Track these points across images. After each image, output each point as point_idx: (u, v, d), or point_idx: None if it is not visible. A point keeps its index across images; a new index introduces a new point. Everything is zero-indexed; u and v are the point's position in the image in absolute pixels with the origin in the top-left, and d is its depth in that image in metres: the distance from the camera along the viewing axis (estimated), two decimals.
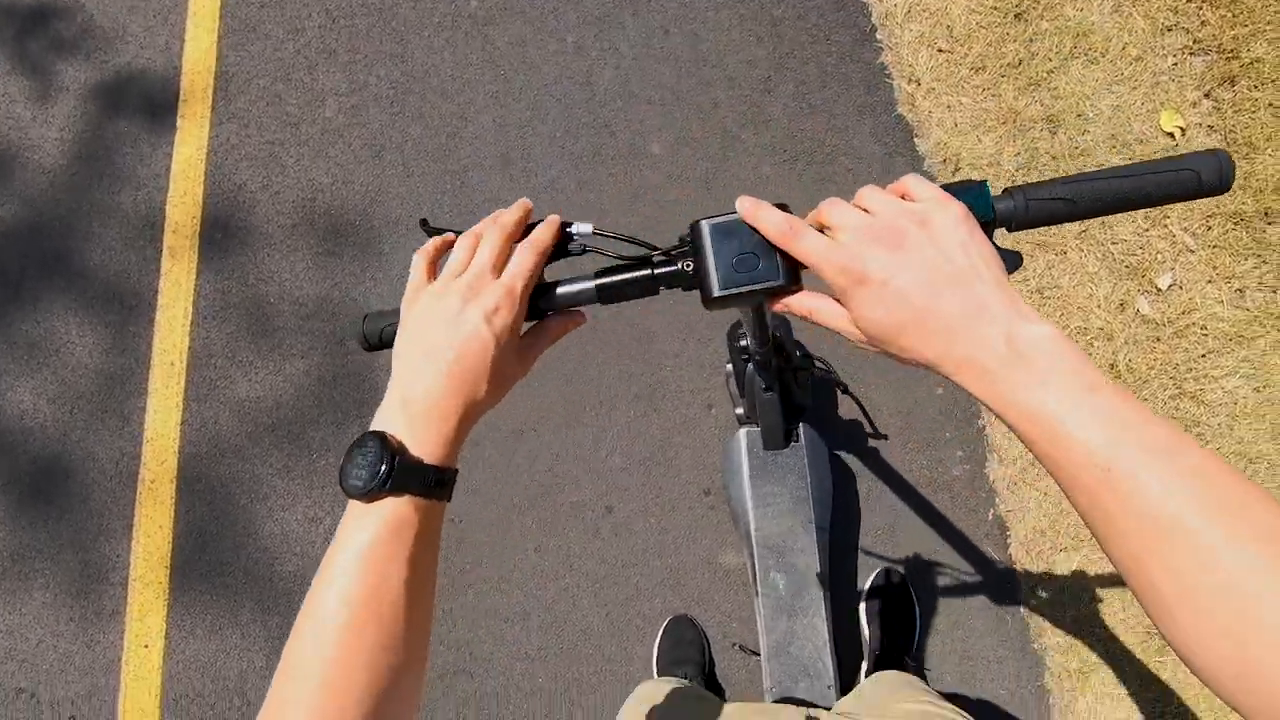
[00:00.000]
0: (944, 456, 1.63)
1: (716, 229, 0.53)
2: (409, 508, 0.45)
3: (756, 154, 1.85)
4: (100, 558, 1.74)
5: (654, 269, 0.57)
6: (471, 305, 0.49)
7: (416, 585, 0.45)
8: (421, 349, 0.49)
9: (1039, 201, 0.51)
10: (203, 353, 1.86)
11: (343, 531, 0.45)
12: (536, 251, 0.54)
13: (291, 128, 2.01)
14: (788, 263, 0.52)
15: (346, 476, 0.44)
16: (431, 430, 0.47)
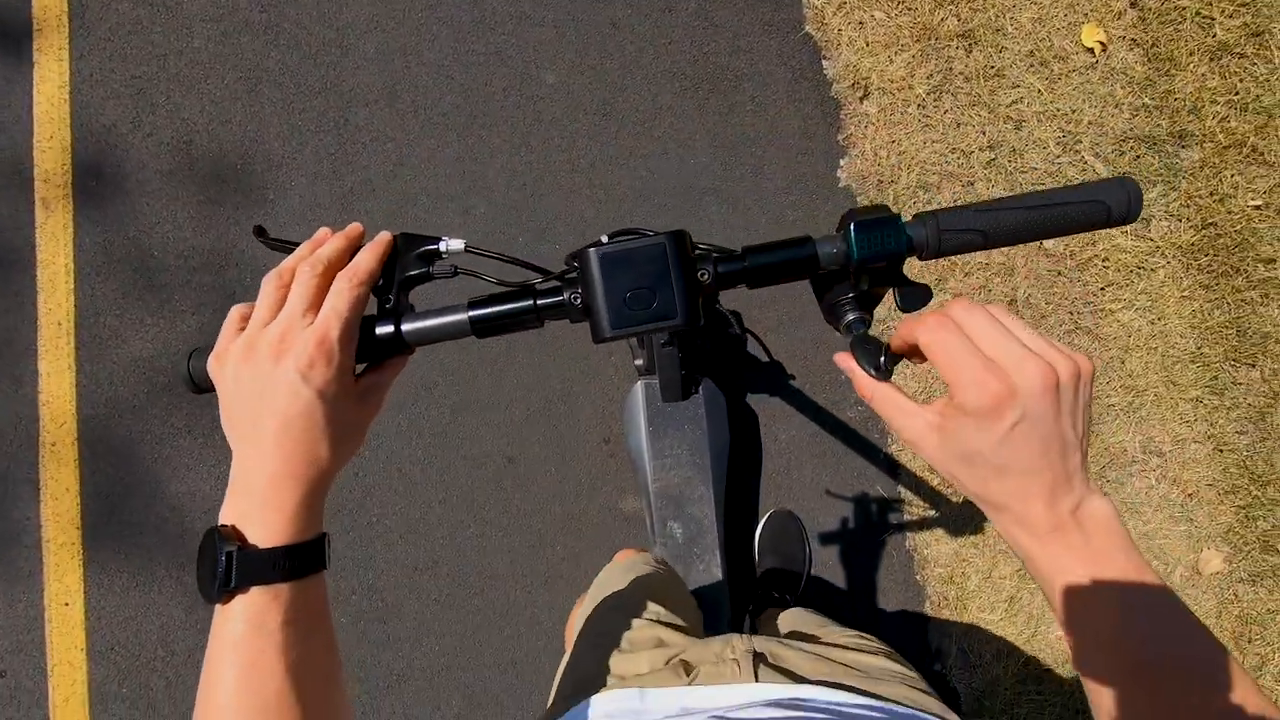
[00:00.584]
0: (840, 398, 1.64)
1: (607, 259, 0.48)
2: (265, 598, 0.42)
3: (657, 80, 1.73)
4: (9, 522, 1.74)
5: (537, 299, 0.51)
6: (283, 364, 0.44)
7: (302, 668, 0.43)
8: (243, 425, 0.45)
9: (952, 233, 0.49)
10: (90, 311, 1.79)
11: (213, 632, 0.43)
12: (355, 286, 0.47)
13: (159, 60, 1.84)
14: (687, 297, 0.49)
15: (199, 582, 0.43)
16: (275, 511, 0.43)
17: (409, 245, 0.52)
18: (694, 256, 0.50)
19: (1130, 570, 0.39)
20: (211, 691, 0.43)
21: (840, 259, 0.51)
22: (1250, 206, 1.60)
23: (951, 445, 0.42)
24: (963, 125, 1.66)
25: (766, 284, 0.53)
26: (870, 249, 0.49)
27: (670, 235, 0.49)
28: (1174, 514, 1.55)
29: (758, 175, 1.69)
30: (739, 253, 0.52)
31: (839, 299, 0.54)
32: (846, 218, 0.50)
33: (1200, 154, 1.62)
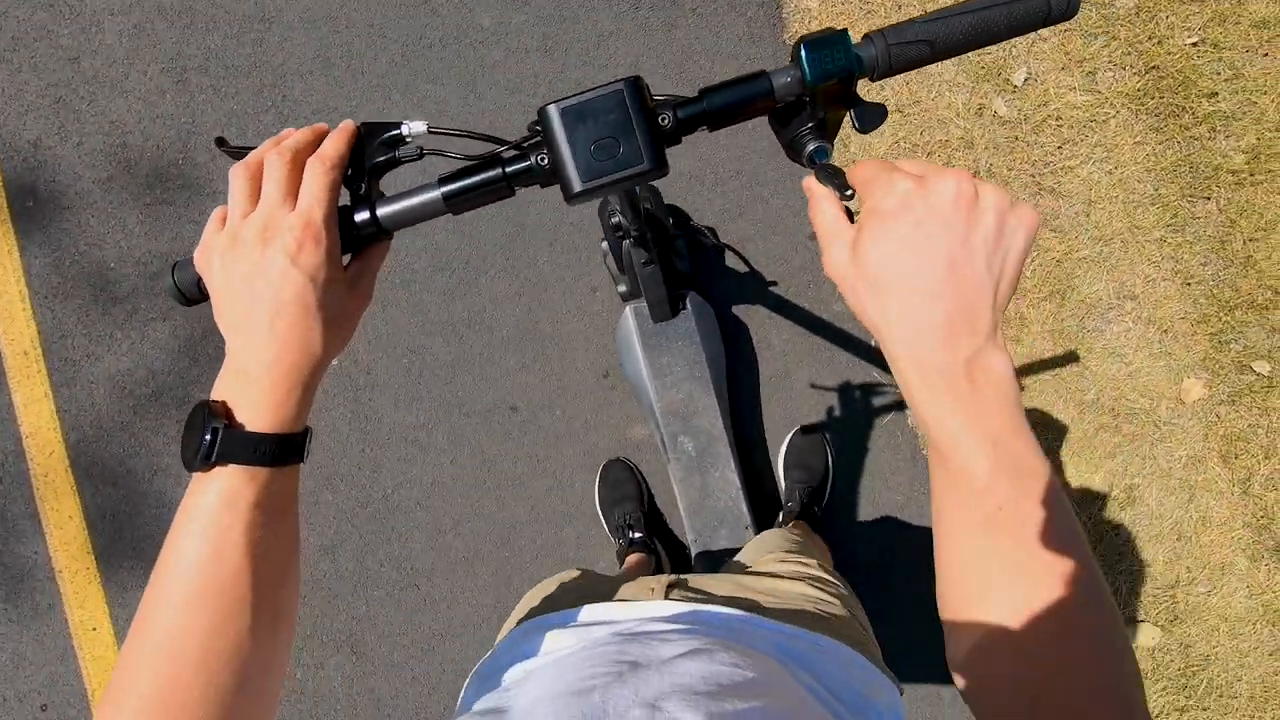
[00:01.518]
0: (825, 294, 1.66)
1: (567, 114, 0.48)
2: (242, 478, 0.43)
3: (594, 6, 1.70)
4: (18, 559, 1.71)
5: (505, 167, 0.51)
6: (271, 249, 0.44)
7: (263, 554, 0.44)
8: (235, 313, 0.45)
9: (900, 46, 0.49)
10: (55, 334, 1.73)
11: (184, 500, 0.44)
12: (329, 169, 0.47)
13: (72, 64, 1.75)
14: (652, 142, 0.48)
15: (183, 450, 0.44)
16: (266, 396, 0.44)
17: (373, 133, 0.52)
18: (652, 103, 0.51)
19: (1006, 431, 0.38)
20: (172, 558, 0.43)
21: (795, 86, 0.51)
22: (1188, 44, 1.64)
23: (860, 263, 0.40)
24: (904, 7, 1.66)
25: (727, 123, 0.53)
26: (822, 67, 0.50)
27: (628, 81, 0.49)
28: (1153, 351, 1.62)
29: None
30: (696, 95, 0.52)
31: (798, 131, 0.55)
32: (798, 44, 0.50)
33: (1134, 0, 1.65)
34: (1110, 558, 1.60)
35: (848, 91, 0.52)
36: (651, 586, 0.69)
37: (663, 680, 0.46)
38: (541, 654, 0.59)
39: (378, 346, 1.69)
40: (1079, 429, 1.61)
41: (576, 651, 0.54)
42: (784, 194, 1.66)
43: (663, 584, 0.69)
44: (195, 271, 0.50)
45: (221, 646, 0.43)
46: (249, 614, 0.44)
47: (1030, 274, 1.64)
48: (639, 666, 0.48)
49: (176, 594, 0.43)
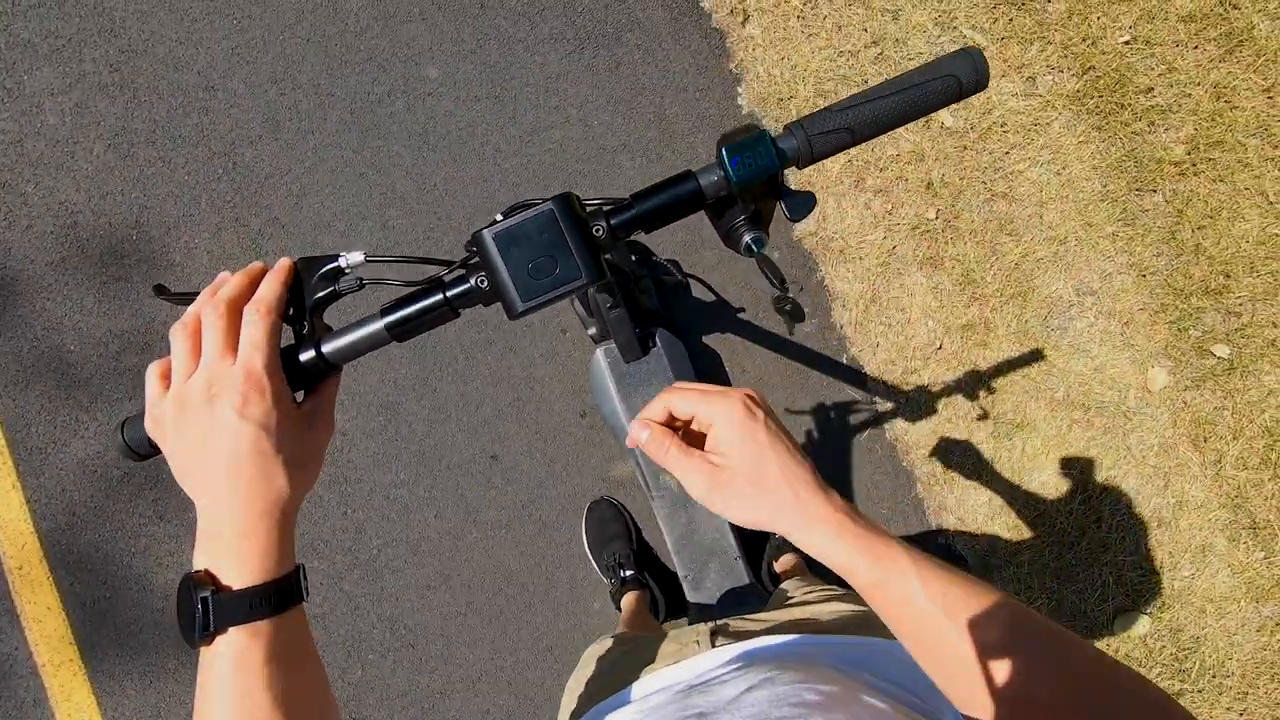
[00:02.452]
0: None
1: (500, 238, 0.49)
2: (245, 638, 0.43)
3: (539, 50, 1.71)
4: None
5: (446, 291, 0.51)
6: (218, 408, 0.45)
7: (289, 702, 0.44)
8: (196, 475, 0.45)
9: (821, 135, 0.51)
10: (18, 425, 1.69)
11: (199, 678, 0.44)
12: (265, 315, 0.47)
13: (15, 147, 1.73)
14: (588, 255, 0.49)
15: (180, 629, 0.44)
16: (243, 551, 0.44)
17: (311, 267, 0.52)
18: (585, 215, 0.51)
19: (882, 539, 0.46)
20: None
21: (722, 186, 0.52)
22: (1120, 43, 1.68)
23: (736, 470, 0.47)
24: (844, 27, 1.69)
25: (660, 225, 0.54)
26: (745, 170, 0.51)
27: (556, 199, 0.49)
28: (1116, 344, 1.65)
29: (662, 121, 1.69)
30: (628, 201, 0.53)
31: (733, 223, 0.56)
32: (719, 144, 0.51)
33: (1066, 3, 1.69)
34: (1094, 550, 1.62)
35: (774, 185, 0.54)
36: (696, 639, 0.69)
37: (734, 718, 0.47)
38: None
39: (351, 407, 1.68)
40: (1052, 427, 1.64)
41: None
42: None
43: (706, 633, 0.70)
44: (144, 430, 0.50)
45: None
46: None
47: (990, 279, 1.66)
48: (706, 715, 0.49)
49: None
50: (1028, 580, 1.62)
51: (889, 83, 0.52)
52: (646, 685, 0.65)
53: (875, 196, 1.67)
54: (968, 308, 1.66)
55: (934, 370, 1.65)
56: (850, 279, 1.67)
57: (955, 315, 1.65)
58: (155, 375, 0.48)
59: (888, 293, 1.67)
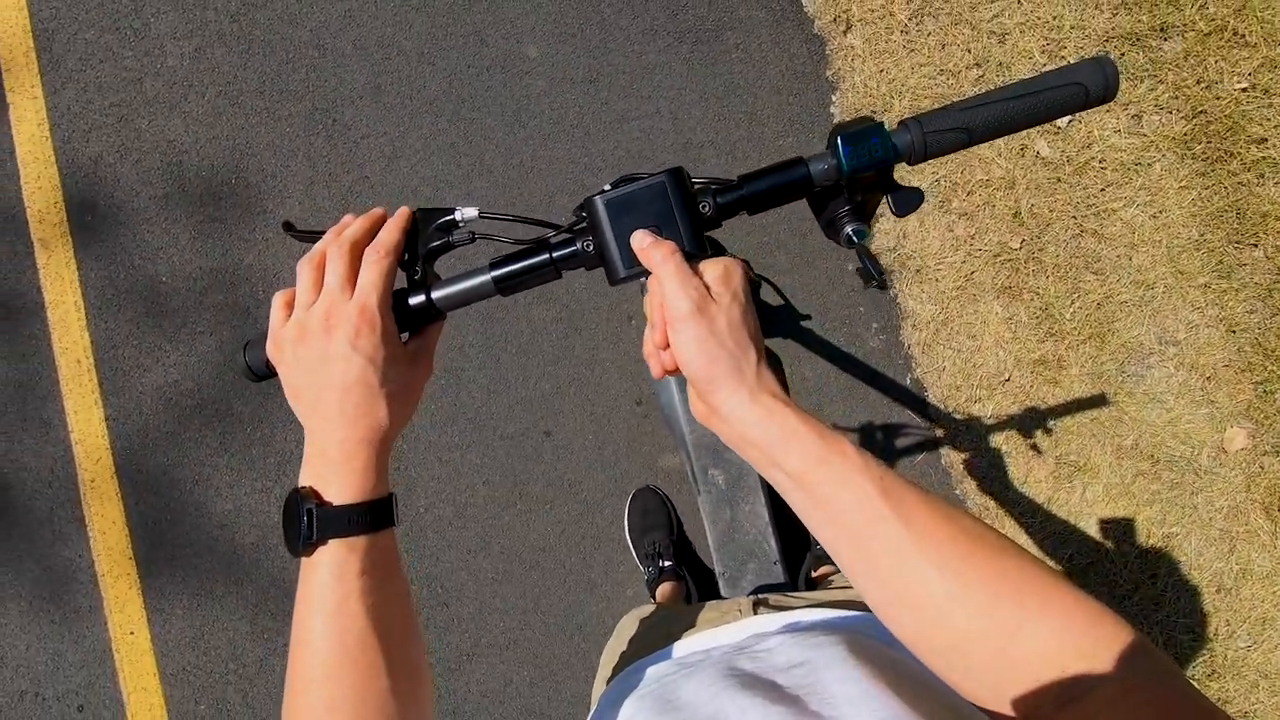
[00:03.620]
0: (861, 330, 1.67)
1: (612, 205, 0.51)
2: (345, 550, 0.46)
3: (638, 40, 1.73)
4: (63, 561, 1.76)
5: (552, 252, 0.53)
6: (334, 339, 0.48)
7: (383, 615, 0.47)
8: (308, 398, 0.49)
9: (936, 134, 0.51)
10: (106, 345, 1.79)
11: (301, 585, 0.47)
12: (383, 258, 0.51)
13: (135, 85, 1.82)
14: (693, 230, 0.51)
15: (286, 539, 0.47)
16: (346, 471, 0.48)
17: (427, 219, 0.55)
18: (693, 191, 0.53)
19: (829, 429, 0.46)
20: (303, 639, 0.47)
21: (832, 174, 0.53)
22: (1237, 90, 1.62)
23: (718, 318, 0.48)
24: (948, 46, 1.67)
25: (765, 208, 0.55)
26: (859, 159, 0.51)
27: (669, 173, 0.51)
28: (1195, 398, 1.60)
29: (752, 121, 1.70)
30: (736, 181, 0.54)
31: (836, 213, 0.56)
32: (834, 132, 0.52)
33: (1183, 44, 1.64)
34: (1145, 607, 1.57)
35: (884, 178, 0.54)
36: (738, 609, 0.70)
37: (793, 682, 0.48)
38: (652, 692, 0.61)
39: None
40: (1116, 475, 1.59)
41: (689, 677, 0.55)
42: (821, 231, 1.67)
43: (748, 604, 0.70)
44: (264, 354, 0.53)
45: (369, 711, 0.45)
46: (385, 675, 0.46)
47: (1069, 316, 1.62)
48: (757, 677, 0.50)
49: (316, 671, 0.46)
50: None
51: (1012, 86, 0.51)
52: (686, 646, 0.64)
53: (960, 219, 1.64)
54: (1042, 343, 1.62)
55: (999, 402, 1.62)
56: (924, 299, 1.65)
57: (1028, 349, 1.62)
58: (280, 303, 0.51)
59: (960, 318, 1.64)
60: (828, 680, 0.47)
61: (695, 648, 0.64)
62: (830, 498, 0.44)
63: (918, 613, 0.43)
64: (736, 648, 0.59)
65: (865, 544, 0.44)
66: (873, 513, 0.43)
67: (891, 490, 0.43)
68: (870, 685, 0.46)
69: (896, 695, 0.45)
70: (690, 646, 0.64)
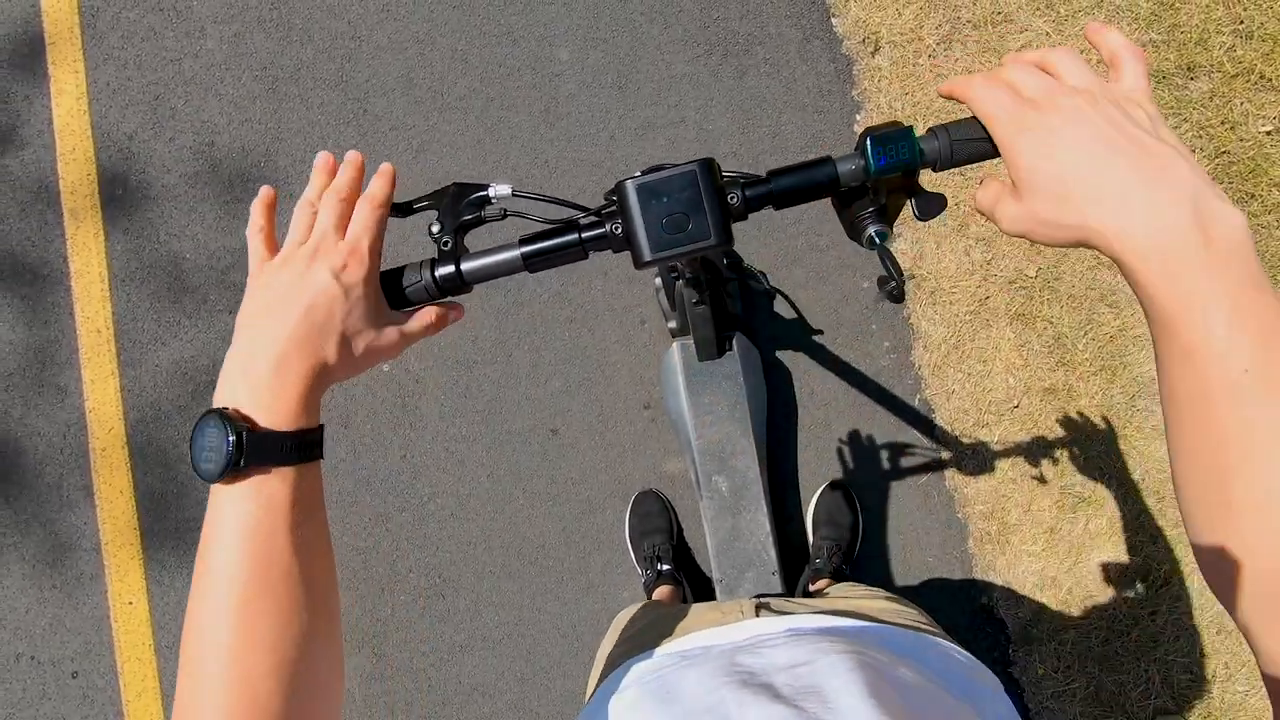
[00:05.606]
0: (872, 348, 1.67)
1: (642, 189, 0.52)
2: (276, 479, 0.43)
3: (668, 49, 1.75)
4: (68, 527, 1.79)
5: (581, 233, 0.55)
6: (316, 265, 0.48)
7: (305, 551, 0.45)
8: (264, 310, 0.47)
9: (963, 142, 0.51)
10: (127, 317, 1.82)
11: (213, 514, 0.44)
12: (376, 207, 0.52)
13: (174, 64, 1.86)
14: (720, 219, 0.52)
15: (197, 462, 0.43)
16: (280, 394, 0.44)
17: (462, 193, 0.57)
18: (723, 182, 0.54)
19: (1246, 287, 0.36)
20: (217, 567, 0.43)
21: (859, 174, 0.54)
22: (1261, 132, 1.62)
23: (1034, 189, 0.42)
24: (974, 72, 1.68)
25: (791, 204, 0.56)
26: (886, 161, 0.52)
27: (701, 163, 0.52)
28: None
29: (776, 136, 1.72)
30: (764, 176, 0.55)
31: (860, 214, 0.58)
32: (863, 135, 0.53)
33: (1209, 84, 1.65)
34: (1143, 644, 1.56)
35: (910, 182, 0.55)
36: (740, 610, 0.69)
37: (793, 682, 0.48)
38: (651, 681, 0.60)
39: (429, 357, 1.74)
40: (1122, 508, 1.59)
41: (689, 669, 0.55)
42: (838, 247, 1.68)
43: (750, 606, 0.70)
44: None
45: (289, 652, 0.43)
46: (306, 613, 0.44)
47: (1082, 347, 1.62)
48: (757, 675, 0.50)
49: (232, 602, 0.42)
50: (1068, 659, 1.56)
51: None
52: (687, 642, 0.64)
53: (977, 244, 1.65)
54: (1053, 371, 1.62)
55: (1007, 428, 1.62)
56: (936, 321, 1.65)
57: (1039, 376, 1.62)
58: (258, 234, 0.52)
59: (972, 341, 1.64)
60: (831, 686, 0.47)
61: (696, 644, 0.64)
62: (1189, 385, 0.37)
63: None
64: (738, 646, 0.59)
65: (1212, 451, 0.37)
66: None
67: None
68: (872, 701, 0.45)
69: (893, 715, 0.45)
70: (691, 642, 0.65)
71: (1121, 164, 0.39)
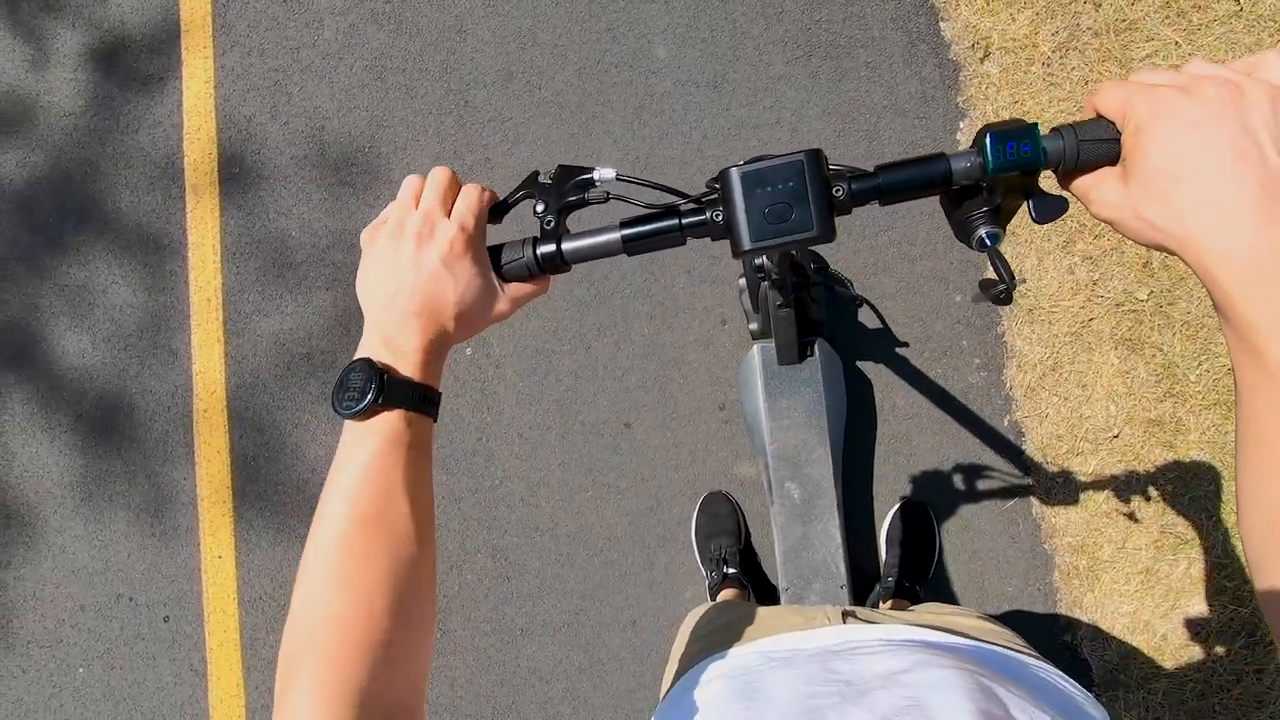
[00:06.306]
0: (961, 364, 1.61)
1: (747, 177, 0.51)
2: (402, 422, 0.49)
3: (768, 50, 1.74)
4: (169, 481, 1.91)
5: (681, 219, 0.55)
6: (428, 248, 0.51)
7: (416, 489, 0.49)
8: (384, 291, 0.52)
9: (1091, 144, 0.48)
10: (235, 288, 1.93)
11: (344, 449, 0.49)
12: (481, 193, 0.55)
13: (293, 53, 1.97)
14: (824, 211, 0.51)
15: (341, 401, 0.49)
16: (410, 354, 0.51)
17: (566, 175, 0.58)
18: (829, 174, 0.52)
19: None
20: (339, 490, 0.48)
21: (975, 172, 0.51)
22: None
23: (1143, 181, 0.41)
24: (1092, 83, 1.60)
25: (899, 200, 0.54)
26: (1006, 158, 0.49)
27: (808, 153, 0.51)
28: None
29: (872, 141, 1.68)
30: (873, 171, 0.53)
31: (971, 214, 0.55)
32: (982, 131, 0.50)
33: None
34: (1248, 704, 1.44)
35: (1029, 182, 0.52)
36: (826, 616, 0.68)
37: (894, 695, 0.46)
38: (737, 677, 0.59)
39: (510, 342, 1.78)
40: (1227, 555, 1.47)
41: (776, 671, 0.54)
42: (931, 257, 1.63)
43: (836, 613, 0.69)
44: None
45: (401, 574, 0.47)
46: (416, 545, 0.48)
47: (1194, 378, 1.52)
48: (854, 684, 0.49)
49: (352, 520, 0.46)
50: (1158, 712, 1.46)
51: None
52: (773, 643, 0.63)
53: (1082, 262, 1.57)
54: (1160, 402, 1.52)
55: (1103, 459, 1.53)
56: (1033, 340, 1.58)
57: (1144, 407, 1.52)
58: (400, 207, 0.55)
59: (1072, 364, 1.56)
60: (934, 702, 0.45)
61: (781, 645, 0.63)
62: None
63: None
64: (829, 650, 0.57)
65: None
66: None
67: None
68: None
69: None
70: (776, 644, 0.63)
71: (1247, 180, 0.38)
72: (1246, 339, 0.38)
